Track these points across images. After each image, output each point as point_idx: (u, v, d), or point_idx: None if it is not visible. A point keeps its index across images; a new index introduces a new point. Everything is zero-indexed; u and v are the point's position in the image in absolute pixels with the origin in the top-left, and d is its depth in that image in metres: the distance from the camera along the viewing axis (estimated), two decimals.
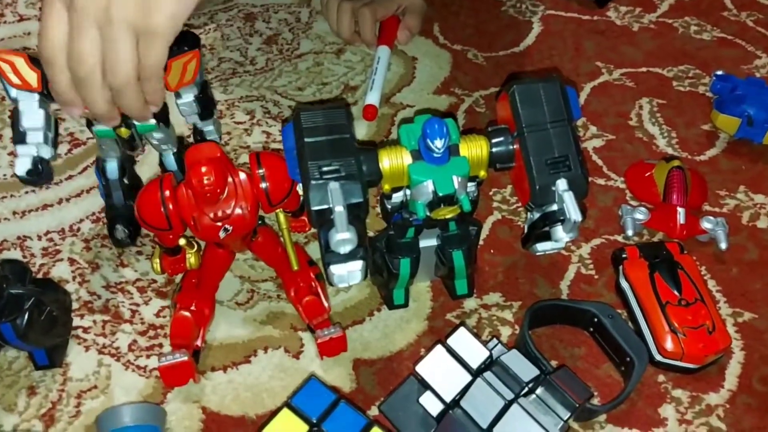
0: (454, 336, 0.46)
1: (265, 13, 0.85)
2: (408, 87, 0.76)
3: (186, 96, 0.55)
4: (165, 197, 0.48)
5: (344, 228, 0.41)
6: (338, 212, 0.40)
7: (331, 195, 0.41)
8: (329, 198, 0.41)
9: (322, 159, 0.42)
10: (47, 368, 0.54)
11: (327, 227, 0.42)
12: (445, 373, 0.44)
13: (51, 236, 0.63)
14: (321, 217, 0.42)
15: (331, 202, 0.41)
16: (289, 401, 0.44)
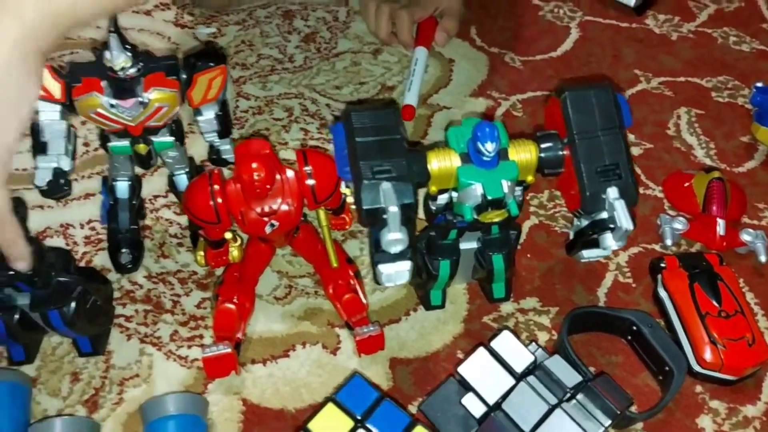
0: (498, 339, 0.46)
1: (303, 11, 0.86)
2: (445, 89, 0.77)
3: (207, 113, 0.54)
4: (214, 191, 0.49)
5: (397, 228, 0.41)
6: (392, 213, 0.41)
7: (384, 195, 0.41)
8: (381, 198, 0.41)
9: (374, 159, 0.43)
10: (91, 355, 0.55)
11: (378, 227, 0.42)
12: (487, 376, 0.45)
13: (93, 225, 0.64)
14: (372, 216, 0.42)
15: (384, 203, 0.41)
16: (333, 396, 0.45)
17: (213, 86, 0.50)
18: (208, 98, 0.51)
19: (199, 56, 0.50)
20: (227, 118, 0.54)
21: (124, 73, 0.47)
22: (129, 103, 0.47)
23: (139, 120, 0.49)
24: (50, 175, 0.48)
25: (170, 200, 0.66)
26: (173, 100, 0.49)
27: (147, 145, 0.52)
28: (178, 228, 0.64)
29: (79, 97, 0.47)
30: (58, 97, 0.48)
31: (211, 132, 0.54)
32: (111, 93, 0.47)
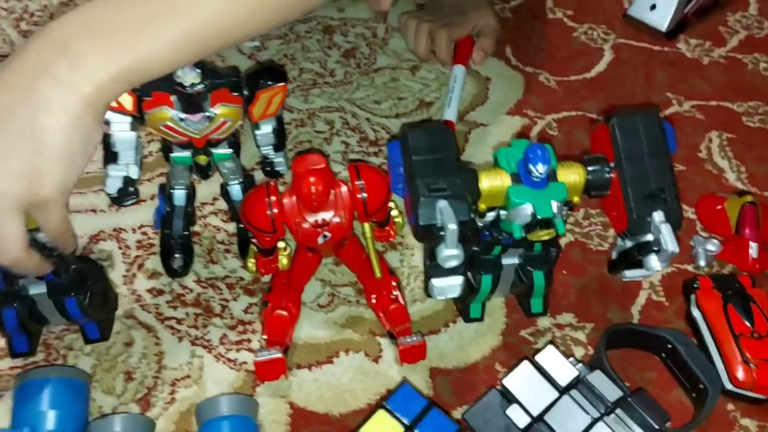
0: (543, 353, 0.48)
1: (342, 27, 0.89)
2: (482, 106, 0.79)
3: (265, 127, 0.56)
4: (271, 202, 0.51)
5: (454, 245, 0.43)
6: (451, 229, 0.43)
7: (442, 213, 0.43)
8: (438, 215, 0.44)
9: (430, 177, 0.45)
10: (98, 341, 0.57)
11: (433, 242, 0.44)
12: (531, 388, 0.47)
13: (145, 230, 0.66)
14: (427, 232, 0.45)
15: (442, 220, 0.43)
16: (383, 403, 0.47)
17: (273, 103, 0.53)
18: (268, 114, 0.54)
19: (262, 74, 0.52)
20: (283, 132, 0.57)
21: (192, 89, 0.49)
22: (197, 117, 0.50)
23: (204, 133, 0.51)
24: (120, 183, 0.51)
25: (217, 208, 0.68)
26: (236, 115, 0.52)
27: (207, 156, 0.54)
28: (225, 235, 0.66)
29: (150, 110, 0.49)
30: (130, 109, 0.50)
31: (267, 145, 0.57)
32: (180, 107, 0.50)
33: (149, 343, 0.59)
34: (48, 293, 0.52)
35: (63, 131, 0.41)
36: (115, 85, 0.42)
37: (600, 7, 0.92)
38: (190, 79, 0.49)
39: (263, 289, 0.62)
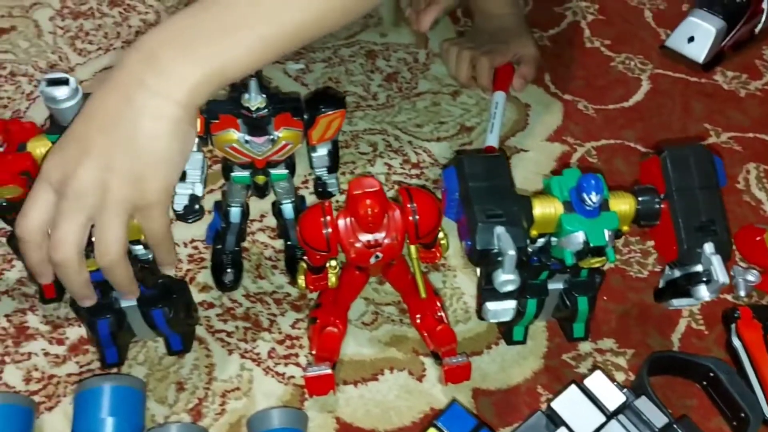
0: (591, 378, 0.49)
1: (385, 52, 0.91)
2: (522, 132, 0.81)
3: (321, 150, 0.58)
4: (327, 222, 0.53)
5: (511, 270, 0.45)
6: (510, 256, 0.44)
7: (500, 239, 0.45)
8: (495, 241, 0.45)
9: (486, 203, 0.47)
10: (181, 353, 0.60)
11: (491, 267, 0.46)
12: (579, 412, 0.48)
13: (196, 244, 0.68)
14: (484, 256, 0.46)
15: (500, 246, 0.45)
16: (434, 422, 0.48)
17: (331, 127, 0.55)
18: (326, 138, 0.56)
19: (322, 100, 0.54)
20: (337, 155, 0.59)
21: (257, 113, 0.52)
22: (261, 140, 0.52)
23: (266, 155, 0.54)
24: (187, 200, 0.53)
25: (265, 225, 0.70)
26: (297, 138, 0.54)
27: (265, 176, 0.57)
28: (272, 251, 0.68)
29: (217, 132, 0.52)
30: (198, 130, 0.53)
31: (322, 167, 0.59)
32: (246, 130, 0.52)
33: (200, 354, 0.60)
34: (137, 305, 0.54)
35: (163, 136, 0.45)
36: (203, 88, 0.46)
37: (637, 38, 0.94)
38: (256, 104, 0.51)
39: (309, 305, 0.64)
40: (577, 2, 0.99)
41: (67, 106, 0.51)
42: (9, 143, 0.54)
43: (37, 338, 0.61)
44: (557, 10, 0.98)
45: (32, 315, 0.62)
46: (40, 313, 0.62)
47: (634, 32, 0.95)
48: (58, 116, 0.53)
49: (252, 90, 0.51)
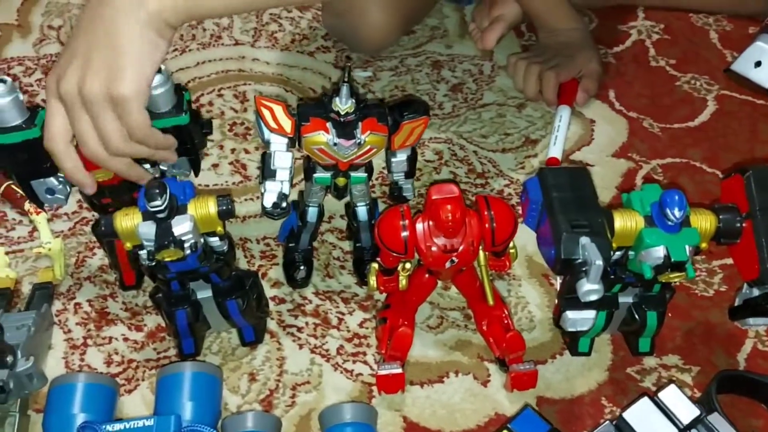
0: (665, 391, 0.49)
1: (450, 63, 0.93)
2: (587, 147, 0.82)
3: (400, 155, 0.60)
4: (405, 225, 0.55)
5: (597, 280, 0.46)
6: (597, 266, 0.45)
7: (586, 249, 0.46)
8: (580, 251, 0.46)
9: (571, 214, 0.48)
10: (253, 344, 0.62)
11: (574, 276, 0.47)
12: (651, 424, 0.48)
13: (267, 241, 0.71)
14: (567, 266, 0.47)
15: (587, 256, 0.46)
16: (508, 425, 0.49)
17: (414, 133, 0.57)
18: (407, 144, 0.57)
19: (406, 106, 0.56)
20: (415, 161, 0.61)
21: (346, 117, 0.54)
22: (348, 143, 0.54)
23: (351, 158, 0.56)
24: (276, 197, 0.56)
25: (333, 226, 0.72)
26: (382, 143, 0.56)
27: (346, 178, 0.59)
28: (340, 252, 0.70)
29: (307, 134, 0.54)
30: (288, 131, 0.55)
31: (400, 172, 0.61)
32: (335, 133, 0.54)
33: (272, 347, 0.62)
34: (213, 296, 0.57)
35: (135, 37, 0.50)
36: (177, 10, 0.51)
37: (702, 59, 0.94)
38: (345, 108, 0.53)
39: (376, 306, 0.66)
40: (642, 21, 0.99)
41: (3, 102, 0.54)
42: None
43: (117, 324, 0.64)
44: (622, 28, 0.98)
45: (112, 301, 0.65)
46: (120, 299, 0.65)
47: (699, 53, 0.95)
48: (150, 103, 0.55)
49: (343, 94, 0.53)
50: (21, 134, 0.55)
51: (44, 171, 0.58)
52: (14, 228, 0.71)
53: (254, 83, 0.88)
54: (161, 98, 0.55)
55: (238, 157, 0.79)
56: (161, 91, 0.54)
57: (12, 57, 0.89)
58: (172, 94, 0.55)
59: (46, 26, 0.94)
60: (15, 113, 0.55)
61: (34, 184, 0.59)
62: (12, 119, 0.55)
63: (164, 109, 0.55)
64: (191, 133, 0.58)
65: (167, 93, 0.55)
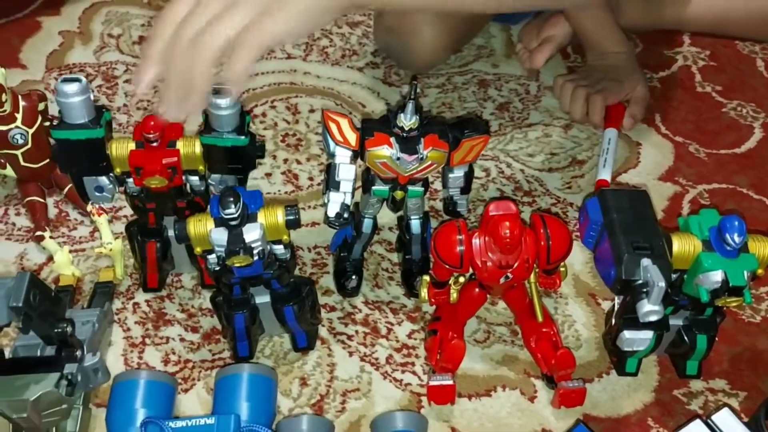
0: (719, 414, 0.50)
1: (497, 82, 0.94)
2: (634, 170, 0.82)
3: (458, 172, 0.62)
4: (462, 240, 0.56)
5: (658, 301, 0.47)
6: (660, 288, 0.46)
7: (648, 271, 0.47)
8: (641, 272, 0.47)
9: (632, 235, 0.49)
10: (305, 350, 0.63)
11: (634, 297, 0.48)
12: None
13: (318, 250, 0.73)
14: (627, 286, 0.48)
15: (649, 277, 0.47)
16: None
17: (473, 151, 0.58)
18: (466, 160, 0.59)
19: (466, 124, 0.58)
20: (471, 178, 0.62)
21: (409, 133, 0.55)
22: (411, 158, 0.56)
23: (410, 172, 0.57)
24: (339, 208, 0.57)
25: (382, 238, 0.74)
26: (442, 159, 0.58)
27: (404, 192, 0.60)
28: (389, 263, 0.72)
29: (371, 148, 0.56)
30: (353, 144, 0.57)
31: (456, 188, 0.62)
32: (398, 148, 0.56)
33: (323, 353, 0.64)
34: (271, 301, 0.59)
35: None
36: None
37: (749, 86, 0.94)
38: (410, 124, 0.55)
39: (424, 318, 0.67)
40: (688, 47, 1.00)
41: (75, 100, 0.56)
42: (162, 140, 0.60)
43: (174, 324, 0.66)
44: (667, 53, 0.99)
45: (169, 302, 0.67)
46: (176, 301, 0.68)
47: (745, 80, 0.96)
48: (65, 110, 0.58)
49: (408, 111, 0.55)
50: (86, 132, 0.58)
51: (99, 169, 0.61)
52: (76, 228, 0.74)
53: (305, 96, 0.90)
54: (227, 119, 0.58)
55: (290, 167, 0.81)
56: (230, 112, 0.57)
57: (74, 63, 0.93)
58: (237, 117, 0.58)
59: (106, 34, 0.98)
60: (84, 112, 0.58)
61: (85, 180, 0.61)
62: (80, 117, 0.58)
63: (227, 129, 0.58)
64: (247, 155, 0.61)
65: (234, 115, 0.58)
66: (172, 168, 0.58)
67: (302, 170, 0.81)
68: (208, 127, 0.60)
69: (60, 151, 0.58)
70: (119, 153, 0.58)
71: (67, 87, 0.55)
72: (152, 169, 0.57)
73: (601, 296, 0.69)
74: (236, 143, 0.58)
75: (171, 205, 0.62)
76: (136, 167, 0.57)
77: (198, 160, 0.59)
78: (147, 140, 0.57)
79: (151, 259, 0.64)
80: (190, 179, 0.60)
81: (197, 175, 0.60)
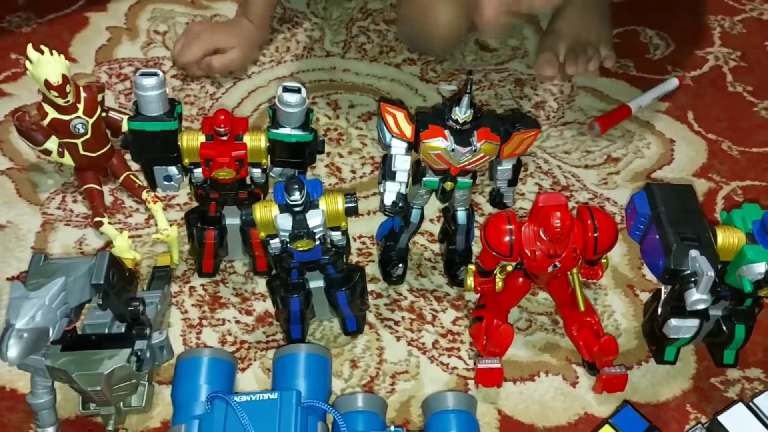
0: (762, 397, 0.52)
1: (532, 81, 0.97)
2: (668, 166, 0.85)
3: (506, 164, 0.64)
4: (512, 230, 0.59)
5: (707, 290, 0.49)
6: (709, 277, 0.49)
7: (697, 261, 0.49)
8: (689, 262, 0.49)
9: (680, 227, 0.51)
10: (355, 334, 0.66)
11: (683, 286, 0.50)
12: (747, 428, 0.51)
13: (363, 239, 0.75)
14: (675, 276, 0.50)
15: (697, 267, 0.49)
16: (609, 420, 0.52)
17: (523, 144, 0.61)
18: (515, 153, 0.62)
19: (517, 119, 0.60)
20: (519, 170, 0.65)
21: (462, 126, 0.58)
22: (465, 150, 0.58)
23: (463, 163, 0.60)
24: (395, 197, 0.60)
25: (424, 229, 0.76)
26: (494, 151, 0.60)
27: (453, 183, 0.63)
28: (431, 254, 0.74)
29: (426, 140, 0.58)
30: (409, 136, 0.60)
31: (504, 180, 0.65)
32: (453, 140, 0.58)
33: (371, 338, 0.67)
34: (326, 286, 0.61)
35: None
36: None
37: None
38: (464, 117, 0.58)
39: (468, 306, 0.70)
40: (719, 48, 1.02)
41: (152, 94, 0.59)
42: (230, 133, 0.63)
43: (229, 307, 0.69)
44: (699, 53, 1.01)
45: (223, 286, 0.70)
46: (230, 285, 0.70)
47: None
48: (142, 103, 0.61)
49: (464, 104, 0.57)
50: (161, 124, 0.62)
51: (169, 160, 0.64)
52: (131, 215, 0.77)
53: (345, 92, 0.93)
54: (295, 116, 0.61)
55: (333, 161, 0.84)
56: (299, 109, 0.61)
57: (123, 58, 0.96)
58: (303, 114, 0.61)
59: (152, 31, 1.01)
60: (159, 105, 0.61)
61: (155, 169, 0.64)
62: (156, 110, 0.61)
63: (294, 125, 0.61)
64: (309, 150, 0.64)
65: (302, 112, 0.61)
66: (240, 160, 0.61)
67: (344, 163, 0.84)
68: (275, 122, 0.63)
69: (133, 141, 0.62)
70: (189, 145, 0.61)
71: (146, 80, 0.59)
72: (222, 161, 0.60)
73: (639, 288, 0.71)
74: (301, 139, 0.61)
75: (233, 195, 0.65)
76: (206, 159, 0.60)
77: (262, 153, 0.62)
78: (217, 133, 0.60)
79: (209, 245, 0.67)
80: (253, 171, 0.63)
81: (259, 168, 0.63)
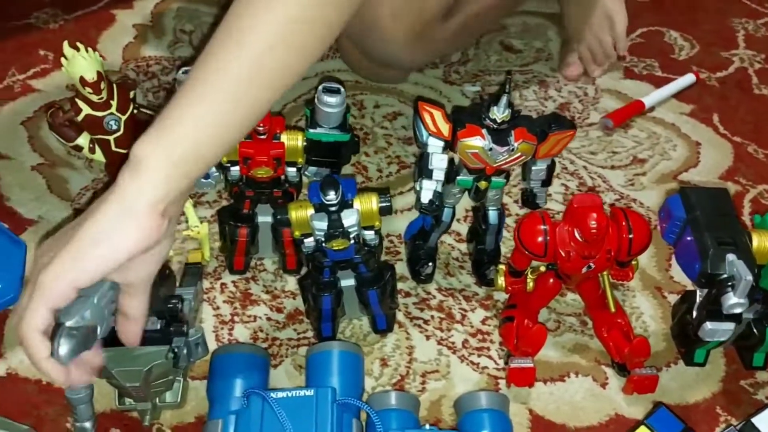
0: None
1: (556, 83, 0.97)
2: (694, 169, 0.85)
3: (541, 164, 0.64)
4: (547, 230, 0.59)
5: (744, 294, 0.49)
6: (747, 281, 0.49)
7: (735, 265, 0.49)
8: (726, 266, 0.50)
9: (717, 231, 0.52)
10: (384, 333, 0.66)
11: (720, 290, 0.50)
12: None
13: (391, 238, 0.76)
14: (711, 279, 0.51)
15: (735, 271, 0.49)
16: (645, 421, 0.53)
17: (559, 144, 0.61)
18: (551, 153, 0.62)
19: (554, 120, 0.61)
20: (553, 171, 0.65)
21: (500, 125, 0.58)
22: (502, 149, 0.59)
23: (499, 163, 0.60)
24: (432, 195, 0.61)
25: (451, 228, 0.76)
26: (530, 151, 0.60)
27: (487, 182, 0.63)
28: (459, 253, 0.75)
29: (463, 138, 0.59)
30: (446, 135, 0.60)
31: (537, 180, 0.65)
32: (490, 139, 0.59)
33: (401, 336, 0.67)
34: (357, 284, 0.62)
35: None
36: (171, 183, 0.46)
37: None
38: (502, 117, 0.58)
39: (496, 305, 0.70)
40: (743, 50, 1.02)
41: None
42: (268, 133, 0.63)
43: (260, 304, 0.69)
44: (724, 55, 1.01)
45: (254, 284, 0.71)
46: (261, 283, 0.71)
47: None
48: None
49: (502, 104, 0.57)
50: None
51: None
52: None
53: (370, 93, 0.94)
54: (334, 116, 0.62)
55: (359, 159, 0.84)
56: (338, 110, 0.61)
57: (150, 56, 0.97)
58: (342, 114, 0.62)
59: (178, 30, 1.01)
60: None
61: None
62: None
63: (333, 125, 0.62)
64: (345, 150, 0.64)
65: (341, 113, 0.61)
66: (277, 159, 0.61)
67: (371, 162, 0.84)
68: (313, 122, 0.64)
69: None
70: None
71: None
72: (261, 159, 0.61)
73: (667, 290, 0.71)
74: (339, 139, 0.62)
75: (268, 193, 0.65)
76: (245, 157, 0.61)
77: (299, 152, 0.62)
78: (256, 132, 0.61)
79: (241, 242, 0.68)
80: (288, 170, 0.64)
81: (295, 167, 0.63)
